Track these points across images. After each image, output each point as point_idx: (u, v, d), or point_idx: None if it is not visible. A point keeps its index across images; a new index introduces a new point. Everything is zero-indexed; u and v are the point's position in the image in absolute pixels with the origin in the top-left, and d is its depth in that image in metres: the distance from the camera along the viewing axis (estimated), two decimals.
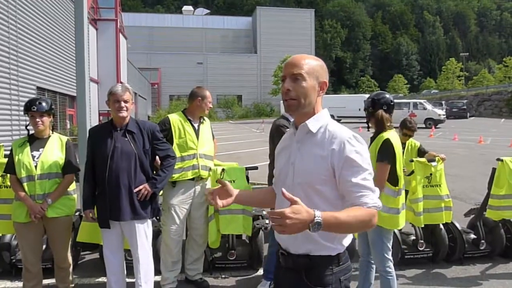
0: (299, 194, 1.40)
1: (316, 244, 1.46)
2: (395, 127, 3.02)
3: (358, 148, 1.42)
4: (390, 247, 2.86)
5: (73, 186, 3.14)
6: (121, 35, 20.61)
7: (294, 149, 1.53)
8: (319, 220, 1.26)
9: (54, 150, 3.02)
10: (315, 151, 1.46)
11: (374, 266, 3.02)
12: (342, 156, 1.41)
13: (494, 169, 3.97)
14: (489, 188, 3.98)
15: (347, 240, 1.53)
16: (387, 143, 2.76)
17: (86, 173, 2.90)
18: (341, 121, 35.40)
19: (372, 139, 2.91)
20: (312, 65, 1.50)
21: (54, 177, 2.97)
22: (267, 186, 7.23)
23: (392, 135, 2.85)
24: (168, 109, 37.56)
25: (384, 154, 2.74)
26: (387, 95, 3.01)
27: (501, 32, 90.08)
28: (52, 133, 3.11)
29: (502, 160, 3.90)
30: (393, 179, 2.81)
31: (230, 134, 21.96)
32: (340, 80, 73.59)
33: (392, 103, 2.98)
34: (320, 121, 1.51)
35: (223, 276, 3.76)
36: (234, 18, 62.37)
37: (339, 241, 1.50)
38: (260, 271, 3.83)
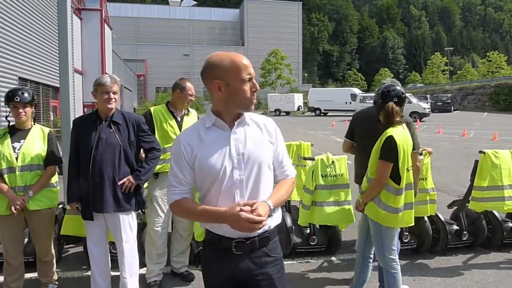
0: (260, 176, 1.59)
1: (275, 217, 1.63)
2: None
3: (278, 128, 1.73)
4: (393, 246, 2.78)
5: (55, 178, 3.07)
6: (106, 26, 20.19)
7: (233, 142, 1.57)
8: (273, 207, 1.55)
9: (35, 142, 2.95)
10: (259, 137, 1.63)
11: (370, 263, 3.02)
12: (277, 137, 1.69)
13: (476, 162, 4.04)
14: (472, 180, 4.05)
15: None
16: (390, 141, 2.62)
17: (71, 165, 2.84)
18: (328, 114, 35.66)
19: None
20: None
21: (36, 169, 2.90)
22: None
23: (398, 131, 2.68)
24: (154, 101, 37.20)
25: (387, 152, 2.63)
26: (398, 87, 2.84)
27: (485, 27, 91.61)
28: (34, 124, 3.03)
29: (484, 153, 3.97)
30: (396, 177, 2.66)
31: None
32: (327, 74, 73.93)
33: (403, 95, 2.81)
34: (246, 114, 1.67)
35: None
36: (221, 9, 61.85)
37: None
38: None
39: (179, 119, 3.38)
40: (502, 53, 55.66)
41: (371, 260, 3.01)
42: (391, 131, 2.68)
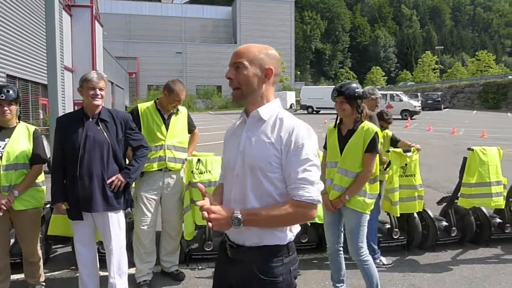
0: (249, 180, 1.46)
1: (265, 233, 1.46)
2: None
3: (305, 138, 1.43)
4: (365, 235, 2.90)
5: (41, 178, 3.02)
6: (96, 23, 20.00)
7: (243, 138, 1.51)
8: (238, 216, 1.38)
9: (21, 140, 2.89)
10: (263, 137, 1.47)
11: (342, 253, 3.05)
12: (288, 143, 1.42)
13: (465, 159, 4.08)
14: (461, 177, 4.09)
15: (296, 228, 1.55)
16: (378, 135, 2.85)
17: (55, 164, 2.78)
18: (320, 112, 35.78)
19: (352, 130, 2.88)
20: (254, 53, 1.49)
21: (21, 168, 2.85)
22: None
23: (375, 126, 2.94)
24: (146, 99, 36.92)
25: (375, 145, 2.83)
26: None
27: (474, 26, 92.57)
28: (19, 122, 2.98)
29: (472, 150, 4.00)
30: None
31: (209, 125, 21.81)
32: (319, 72, 74.10)
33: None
34: (272, 109, 1.51)
35: (199, 267, 3.73)
36: (213, 7, 61.60)
37: (289, 228, 1.52)
38: None
39: (166, 118, 3.32)
40: (490, 52, 56.44)
41: (342, 249, 3.06)
42: (373, 126, 2.88)
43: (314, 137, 1.47)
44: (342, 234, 3.04)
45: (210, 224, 1.40)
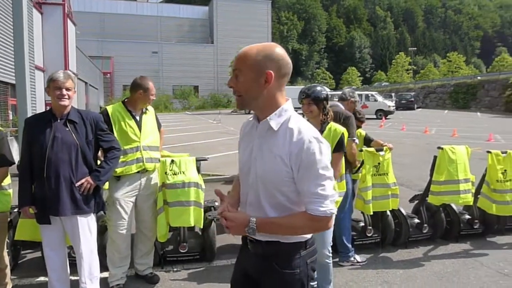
0: (261, 190, 1.47)
1: (282, 236, 1.49)
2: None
3: (316, 153, 1.38)
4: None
5: (7, 181, 2.91)
6: (69, 21, 19.47)
7: (256, 145, 1.49)
8: (253, 226, 1.42)
9: None
10: (275, 151, 1.42)
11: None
12: (298, 159, 1.38)
13: (435, 157, 4.20)
14: (431, 175, 4.21)
15: None
16: (344, 135, 3.04)
17: (23, 166, 2.68)
18: (297, 112, 36.19)
19: (319, 131, 2.98)
20: (251, 57, 1.41)
21: None
22: (221, 176, 7.10)
23: (342, 127, 3.10)
24: (121, 99, 36.12)
25: (342, 145, 3.01)
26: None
27: (445, 29, 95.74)
28: None
29: (442, 149, 4.13)
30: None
31: (186, 125, 21.60)
32: (296, 72, 74.59)
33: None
34: (283, 116, 1.44)
35: (174, 269, 3.68)
36: (190, 6, 61.01)
37: None
38: (215, 263, 3.80)
39: (138, 118, 3.26)
40: (461, 53, 58.57)
41: None
42: (340, 127, 3.03)
43: (325, 148, 1.41)
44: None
45: (227, 229, 1.45)
